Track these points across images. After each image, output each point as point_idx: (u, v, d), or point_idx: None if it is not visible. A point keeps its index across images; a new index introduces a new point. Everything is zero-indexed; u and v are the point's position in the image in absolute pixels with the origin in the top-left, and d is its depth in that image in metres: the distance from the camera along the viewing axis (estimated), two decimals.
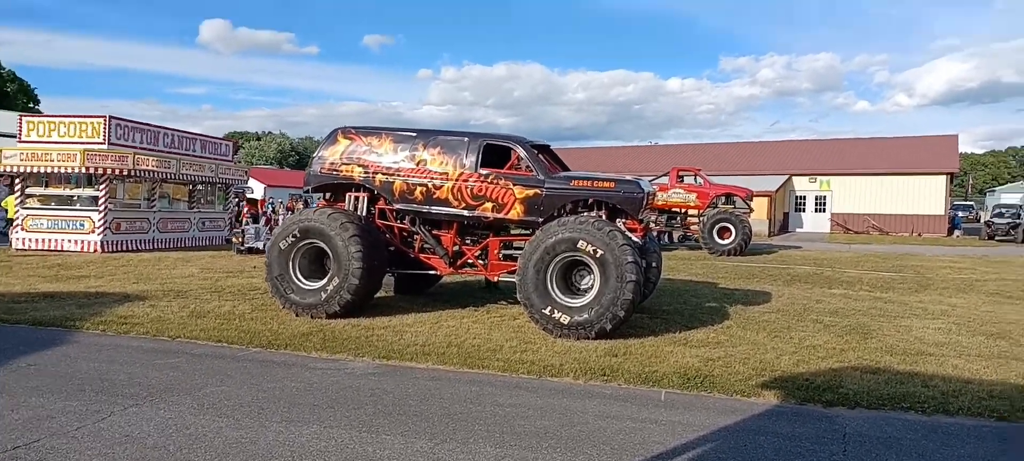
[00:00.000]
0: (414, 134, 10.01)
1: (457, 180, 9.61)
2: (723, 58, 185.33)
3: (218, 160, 21.25)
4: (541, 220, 9.39)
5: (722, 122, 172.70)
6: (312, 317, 9.29)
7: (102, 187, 17.40)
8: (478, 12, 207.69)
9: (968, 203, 46.64)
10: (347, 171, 10.10)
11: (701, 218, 23.46)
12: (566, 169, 10.63)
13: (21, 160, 17.40)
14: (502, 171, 9.59)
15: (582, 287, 8.99)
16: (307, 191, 10.63)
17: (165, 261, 16.38)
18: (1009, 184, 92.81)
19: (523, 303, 8.86)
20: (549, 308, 8.62)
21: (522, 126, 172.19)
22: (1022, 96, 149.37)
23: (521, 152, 9.62)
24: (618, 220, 9.47)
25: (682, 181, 24.81)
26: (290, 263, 9.48)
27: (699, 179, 24.80)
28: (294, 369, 6.80)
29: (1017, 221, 32.41)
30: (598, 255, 8.49)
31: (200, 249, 20.44)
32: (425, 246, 10.25)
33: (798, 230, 36.20)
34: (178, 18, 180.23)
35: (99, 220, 17.43)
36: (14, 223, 18.12)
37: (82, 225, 17.48)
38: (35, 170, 17.49)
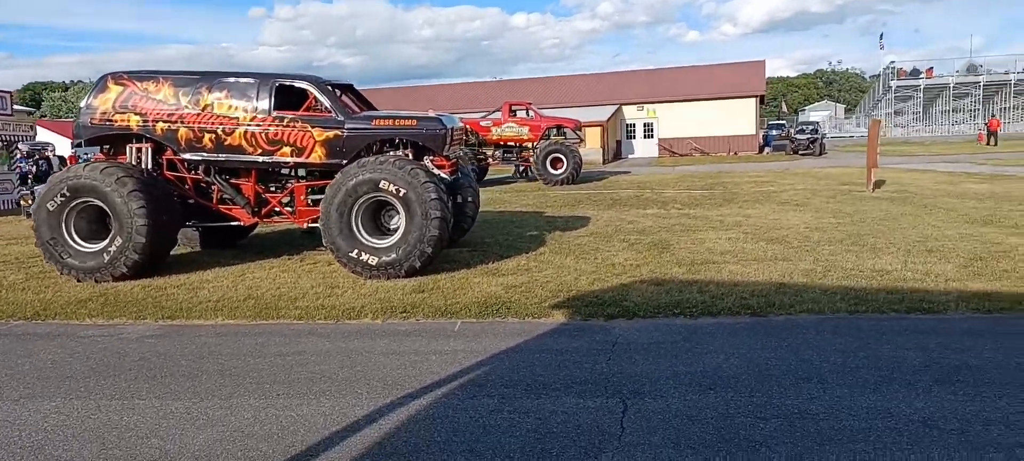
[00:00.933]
0: (197, 77, 9.25)
1: (250, 124, 9.04)
2: None
3: None
4: (345, 162, 9.10)
5: (567, 56, 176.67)
6: (96, 281, 8.51)
7: None
8: None
9: (781, 122, 51.17)
10: (122, 120, 9.19)
11: (534, 150, 23.96)
12: (372, 110, 10.34)
13: None
14: (298, 113, 9.14)
15: (392, 227, 8.89)
16: (78, 145, 9.58)
17: None
18: (816, 103, 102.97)
19: (329, 248, 8.63)
20: (356, 251, 8.45)
21: (369, 66, 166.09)
22: (827, 23, 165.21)
23: (317, 93, 9.19)
24: (425, 158, 9.37)
25: (515, 115, 25.12)
26: (63, 225, 8.57)
27: (531, 113, 25.23)
28: (59, 340, 6.20)
29: (815, 136, 36.16)
30: (401, 194, 8.38)
31: None
32: (225, 196, 9.65)
33: (630, 156, 38.17)
34: None
35: None
36: None
37: None
38: None
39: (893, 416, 3.99)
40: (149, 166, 9.34)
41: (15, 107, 21.59)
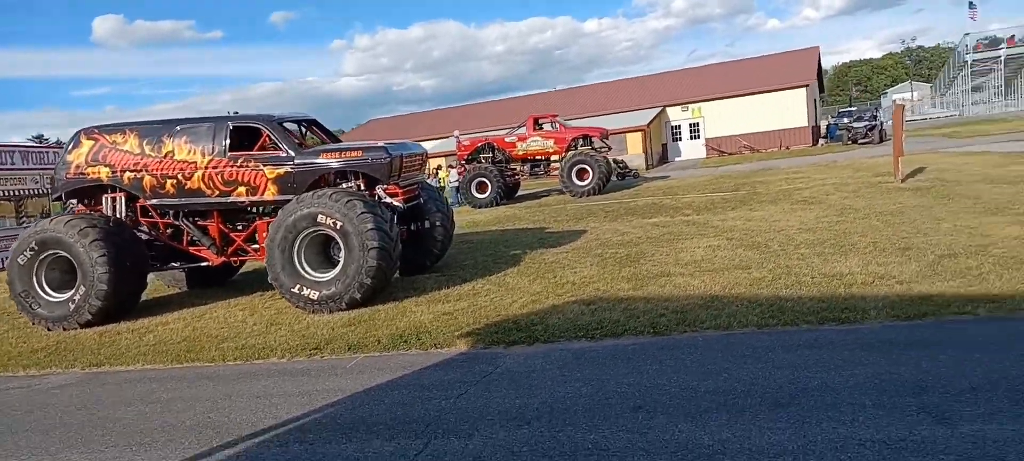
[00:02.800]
0: (159, 125, 9.67)
1: (207, 167, 9.36)
2: None
3: (45, 169, 20.12)
4: None
5: (643, 57, 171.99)
6: (64, 329, 8.98)
7: None
8: None
9: (851, 109, 48.68)
10: (94, 173, 9.70)
11: (561, 162, 23.71)
12: (337, 142, 10.52)
13: None
14: (251, 152, 9.39)
15: (340, 260, 8.98)
16: (58, 198, 10.18)
17: None
18: (899, 84, 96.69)
19: (274, 284, 8.81)
20: (298, 286, 8.58)
21: (445, 85, 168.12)
22: None
23: (268, 130, 9.42)
24: (378, 187, 9.43)
25: (540, 128, 24.96)
26: (34, 277, 9.11)
27: (556, 124, 25.00)
28: None
29: (873, 123, 34.12)
30: (338, 227, 8.46)
31: None
32: (194, 238, 10.02)
33: (677, 159, 37.09)
34: (69, 18, 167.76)
35: None
36: None
37: None
38: None
39: (688, 449, 3.69)
40: (123, 215, 9.82)
41: None
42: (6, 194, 18.82)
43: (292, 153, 9.33)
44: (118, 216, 9.72)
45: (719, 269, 8.62)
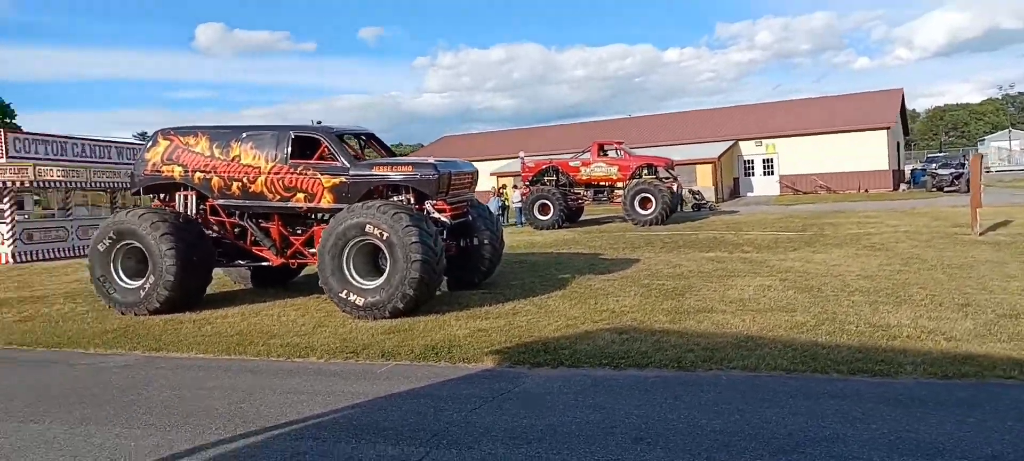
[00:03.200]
0: (229, 130, 10.31)
1: (269, 173, 9.90)
2: (719, 25, 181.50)
3: None
4: None
5: (724, 88, 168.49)
6: (135, 314, 9.64)
7: (5, 200, 17.79)
8: None
9: (939, 155, 46.47)
10: (168, 171, 10.41)
11: (624, 190, 23.64)
12: (393, 157, 10.92)
13: None
14: (310, 161, 9.87)
15: (386, 269, 9.30)
16: (136, 193, 10.95)
17: (69, 267, 16.75)
18: (996, 132, 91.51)
19: (323, 287, 9.19)
20: (345, 291, 8.94)
21: (524, 107, 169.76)
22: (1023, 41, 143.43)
23: (326, 141, 9.89)
24: (426, 202, 9.74)
25: (605, 154, 24.97)
26: (111, 264, 9.83)
27: (620, 151, 24.95)
28: (52, 367, 7.17)
29: (960, 172, 32.46)
30: (384, 238, 8.78)
31: None
32: (256, 239, 10.57)
33: (749, 194, 36.23)
34: (174, 24, 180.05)
35: (7, 232, 17.84)
36: None
37: None
38: None
39: None
40: (193, 212, 10.48)
41: None
42: (103, 186, 20.27)
43: (348, 164, 9.76)
44: (188, 213, 10.38)
45: (763, 309, 8.46)
